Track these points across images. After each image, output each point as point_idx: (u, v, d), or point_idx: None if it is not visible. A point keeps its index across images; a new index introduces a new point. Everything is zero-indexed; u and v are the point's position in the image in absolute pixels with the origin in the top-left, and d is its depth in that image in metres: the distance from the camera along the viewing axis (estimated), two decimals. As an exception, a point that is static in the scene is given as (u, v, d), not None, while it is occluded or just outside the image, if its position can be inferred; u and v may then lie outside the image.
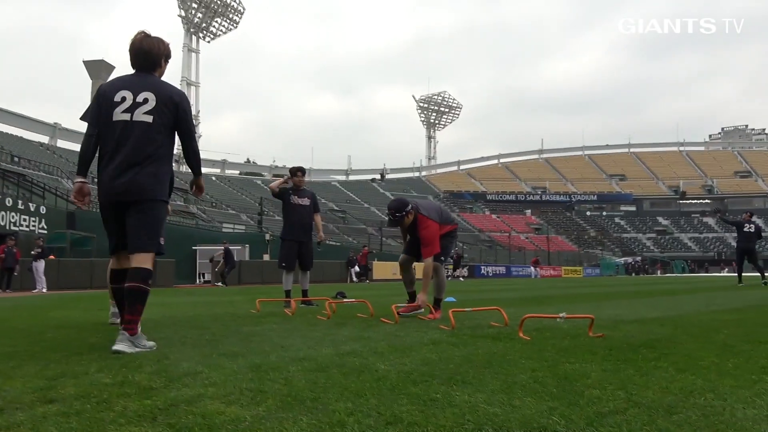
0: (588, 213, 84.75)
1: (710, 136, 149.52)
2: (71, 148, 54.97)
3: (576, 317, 4.34)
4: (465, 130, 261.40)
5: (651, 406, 1.83)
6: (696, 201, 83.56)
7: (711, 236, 76.59)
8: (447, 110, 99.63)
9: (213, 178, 65.62)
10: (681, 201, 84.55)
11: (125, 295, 3.13)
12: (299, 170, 7.19)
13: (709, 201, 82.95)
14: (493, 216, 78.92)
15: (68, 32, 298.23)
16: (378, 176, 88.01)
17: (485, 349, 3.08)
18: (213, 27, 71.84)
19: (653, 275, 48.83)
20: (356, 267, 27.65)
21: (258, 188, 65.08)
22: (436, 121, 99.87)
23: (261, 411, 1.79)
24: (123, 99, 3.21)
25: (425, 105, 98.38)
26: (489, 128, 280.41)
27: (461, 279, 30.06)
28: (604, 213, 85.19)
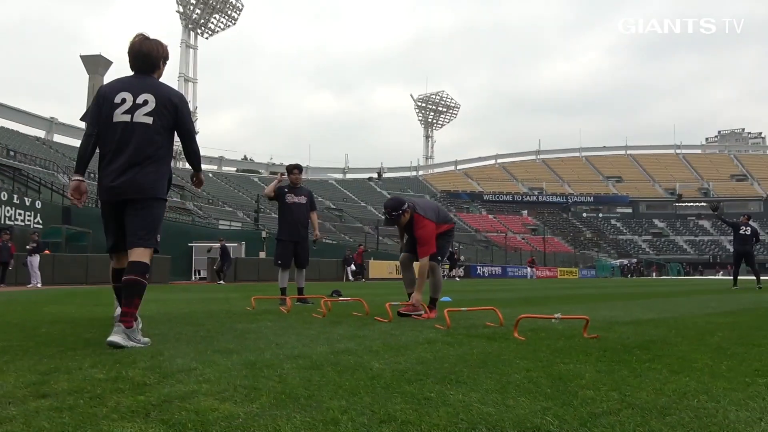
0: (584, 214, 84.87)
1: (707, 139, 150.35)
2: (68, 143, 54.83)
3: (571, 318, 4.35)
4: (463, 130, 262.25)
5: (644, 408, 1.83)
6: (692, 204, 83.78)
7: (706, 239, 76.84)
8: (445, 110, 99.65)
9: (210, 175, 65.40)
10: (677, 204, 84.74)
11: (123, 288, 3.17)
12: (296, 167, 7.17)
13: (705, 204, 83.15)
14: (490, 216, 78.98)
15: (66, 27, 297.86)
16: (375, 175, 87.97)
17: (480, 349, 3.09)
18: (211, 23, 71.74)
19: (648, 277, 48.97)
20: (352, 265, 27.64)
21: (255, 185, 65.01)
22: (434, 121, 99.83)
23: (255, 408, 1.79)
24: (123, 100, 3.25)
25: (423, 104, 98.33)
26: (487, 128, 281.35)
27: (457, 279, 30.09)
28: (600, 214, 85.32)
